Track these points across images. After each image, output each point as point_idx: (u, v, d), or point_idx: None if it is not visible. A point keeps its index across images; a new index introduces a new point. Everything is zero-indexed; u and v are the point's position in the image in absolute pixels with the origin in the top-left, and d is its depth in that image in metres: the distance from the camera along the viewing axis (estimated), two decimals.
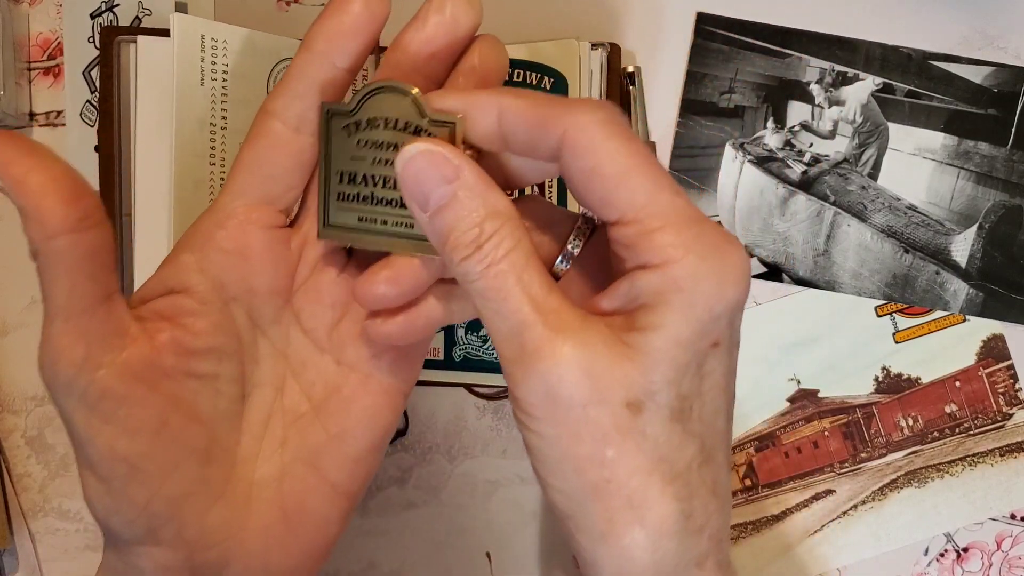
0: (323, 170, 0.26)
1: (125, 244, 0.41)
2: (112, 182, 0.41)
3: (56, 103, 0.47)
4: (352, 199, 0.26)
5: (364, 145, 0.25)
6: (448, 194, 0.24)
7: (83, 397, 0.24)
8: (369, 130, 0.25)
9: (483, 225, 0.24)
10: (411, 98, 0.25)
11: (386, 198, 0.26)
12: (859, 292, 0.44)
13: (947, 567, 0.44)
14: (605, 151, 0.23)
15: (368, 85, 0.25)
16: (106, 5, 0.44)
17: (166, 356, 0.26)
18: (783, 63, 0.45)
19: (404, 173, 0.24)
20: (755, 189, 0.45)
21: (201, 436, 0.27)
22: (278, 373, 0.29)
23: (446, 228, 0.24)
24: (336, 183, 0.26)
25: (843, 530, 0.44)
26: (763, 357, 0.45)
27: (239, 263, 0.27)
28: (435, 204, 0.24)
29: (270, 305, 0.28)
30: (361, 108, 0.25)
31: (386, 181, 0.25)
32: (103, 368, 0.24)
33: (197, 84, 0.39)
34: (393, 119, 0.25)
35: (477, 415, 0.46)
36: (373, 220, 0.26)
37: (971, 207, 0.44)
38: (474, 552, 0.45)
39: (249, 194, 0.27)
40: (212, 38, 0.39)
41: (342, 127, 0.25)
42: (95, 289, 0.24)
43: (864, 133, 0.45)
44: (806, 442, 0.45)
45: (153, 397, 0.25)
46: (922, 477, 0.44)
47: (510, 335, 0.24)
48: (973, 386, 0.44)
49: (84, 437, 0.25)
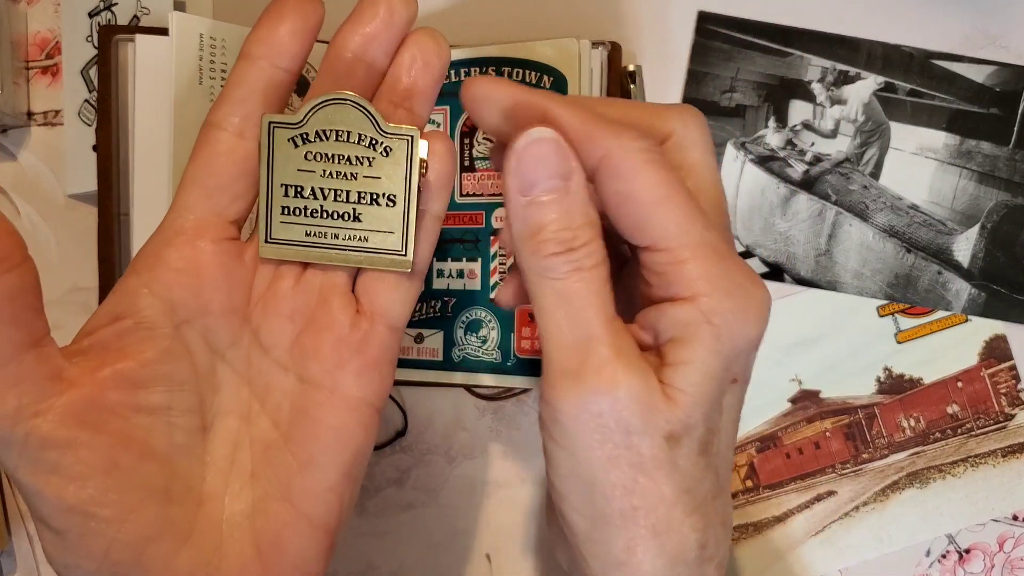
0: (266, 183, 0.25)
1: (123, 244, 0.41)
2: (110, 181, 0.41)
3: (54, 102, 0.47)
4: (298, 212, 0.25)
5: (313, 158, 0.24)
6: (559, 188, 0.24)
7: (23, 450, 0.23)
8: (318, 142, 0.24)
9: (578, 231, 0.24)
10: (365, 111, 0.24)
11: (338, 211, 0.25)
12: (861, 292, 0.44)
13: (949, 568, 0.44)
14: (643, 178, 0.23)
15: (317, 97, 0.24)
16: (104, 4, 0.44)
17: (110, 392, 0.24)
18: (784, 62, 0.45)
19: (527, 152, 0.23)
20: (756, 188, 0.45)
21: (158, 474, 0.25)
22: (242, 400, 0.27)
23: (544, 219, 0.24)
24: (280, 196, 0.25)
25: (845, 531, 0.44)
26: (764, 357, 0.45)
27: (190, 282, 0.26)
28: (541, 192, 0.24)
29: (227, 325, 0.27)
30: (309, 120, 0.24)
31: (337, 194, 0.25)
32: (39, 416, 0.23)
33: (195, 83, 0.38)
34: (345, 131, 0.24)
35: (476, 416, 0.45)
36: (322, 235, 0.25)
37: (973, 207, 0.44)
38: (473, 553, 0.45)
39: (197, 209, 0.26)
40: (211, 37, 0.39)
41: (287, 139, 0.24)
42: (20, 335, 0.23)
43: (866, 132, 0.45)
44: (807, 443, 0.44)
45: (99, 439, 0.24)
46: (924, 478, 0.44)
47: (574, 345, 0.24)
48: (975, 387, 0.44)
49: (31, 490, 0.24)
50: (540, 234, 0.24)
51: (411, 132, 0.24)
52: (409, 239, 0.25)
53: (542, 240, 0.24)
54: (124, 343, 0.25)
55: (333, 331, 0.27)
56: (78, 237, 0.46)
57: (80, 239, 0.46)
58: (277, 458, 0.27)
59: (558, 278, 0.24)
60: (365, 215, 0.25)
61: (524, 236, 0.24)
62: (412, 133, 0.24)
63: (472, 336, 0.42)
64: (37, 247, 0.47)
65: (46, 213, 0.47)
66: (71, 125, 0.44)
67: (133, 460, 0.25)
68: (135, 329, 0.25)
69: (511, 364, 0.41)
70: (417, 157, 0.24)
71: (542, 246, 0.24)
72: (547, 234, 0.24)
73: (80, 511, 0.24)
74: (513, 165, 0.24)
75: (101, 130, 0.40)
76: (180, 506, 0.26)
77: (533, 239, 0.24)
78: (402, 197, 0.24)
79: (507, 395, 0.45)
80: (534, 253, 0.24)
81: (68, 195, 0.45)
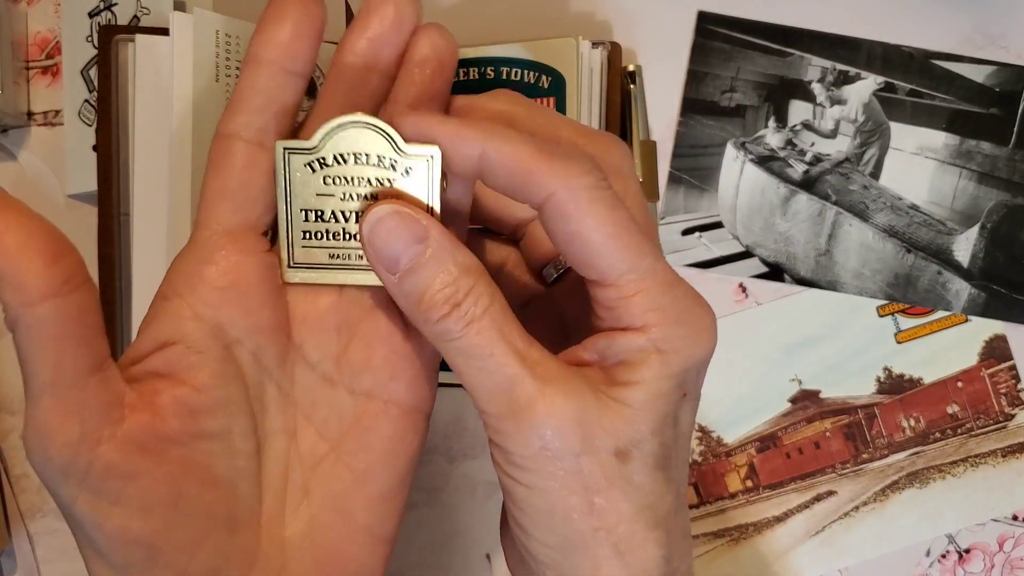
0: (285, 209, 0.25)
1: (123, 244, 0.41)
2: (110, 181, 0.41)
3: (54, 102, 0.47)
4: (320, 236, 0.25)
5: (332, 182, 0.24)
6: (419, 253, 0.23)
7: (84, 479, 0.22)
8: (336, 166, 0.24)
9: (457, 283, 0.23)
10: (383, 133, 0.24)
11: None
12: (861, 292, 0.44)
13: (949, 568, 0.44)
14: (590, 218, 0.23)
15: (332, 121, 0.24)
16: (104, 4, 0.44)
17: (170, 420, 0.24)
18: (785, 62, 0.45)
19: (371, 236, 0.23)
20: (756, 188, 0.45)
21: (222, 501, 0.25)
22: (288, 417, 0.27)
23: (420, 288, 0.23)
24: (301, 221, 0.25)
25: (845, 531, 0.44)
26: (764, 357, 0.45)
27: (237, 300, 0.25)
28: (406, 265, 0.23)
29: (275, 342, 0.26)
30: (326, 144, 0.24)
31: (359, 216, 0.25)
32: (102, 444, 0.22)
33: (212, 80, 0.38)
34: (364, 154, 0.24)
35: (476, 416, 0.45)
36: (347, 256, 0.25)
37: (973, 207, 0.44)
38: (474, 553, 0.45)
39: (229, 222, 0.25)
40: (226, 34, 0.39)
41: (304, 164, 0.24)
42: (85, 358, 0.22)
43: (866, 132, 0.45)
44: (808, 443, 0.44)
45: (162, 468, 0.23)
46: (924, 478, 0.44)
47: (497, 391, 0.23)
48: (975, 387, 0.44)
49: (91, 524, 0.23)
50: (423, 302, 0.23)
51: (431, 151, 0.24)
52: None
53: (428, 307, 0.23)
54: (176, 368, 0.24)
55: (386, 343, 0.27)
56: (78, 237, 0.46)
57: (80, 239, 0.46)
58: (331, 472, 0.27)
59: (455, 338, 0.23)
60: None
61: (411, 310, 0.24)
62: (432, 152, 0.24)
63: None
64: None
65: (46, 213, 0.46)
66: (71, 125, 0.44)
67: (197, 488, 0.24)
68: (186, 354, 0.25)
69: None
70: (438, 175, 0.24)
71: (429, 313, 0.23)
72: (429, 299, 0.23)
73: (146, 544, 0.23)
74: (370, 253, 0.24)
75: (101, 130, 0.40)
76: (244, 532, 0.25)
77: (419, 310, 0.23)
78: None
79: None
80: (426, 323, 0.24)
81: (68, 195, 0.45)
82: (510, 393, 0.23)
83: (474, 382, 0.24)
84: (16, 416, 0.46)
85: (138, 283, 0.40)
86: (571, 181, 0.23)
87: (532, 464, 0.23)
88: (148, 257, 0.40)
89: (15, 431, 0.46)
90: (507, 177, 0.23)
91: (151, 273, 0.39)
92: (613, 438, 0.23)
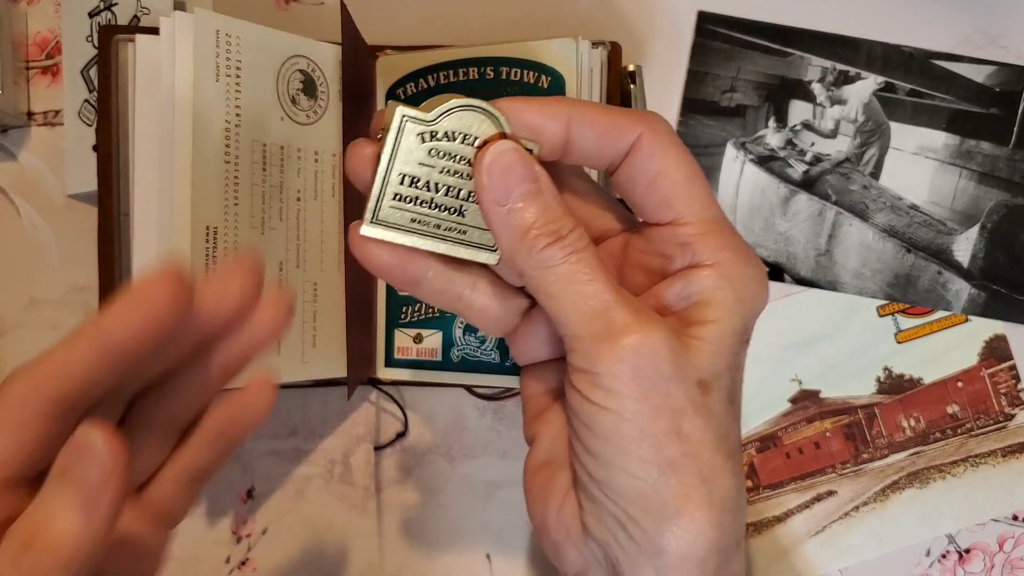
0: (386, 169, 0.26)
1: (123, 244, 0.41)
2: (110, 181, 0.41)
3: (54, 102, 0.47)
4: (409, 201, 0.26)
5: (436, 155, 0.26)
6: (532, 191, 0.25)
7: None
8: (445, 141, 0.26)
9: (562, 221, 0.25)
10: (496, 120, 0.26)
11: (446, 205, 0.27)
12: (861, 292, 0.44)
13: (949, 568, 0.44)
14: (671, 158, 0.26)
15: (453, 101, 0.26)
16: (104, 4, 0.44)
17: None
18: (785, 62, 0.45)
19: (492, 165, 0.25)
20: (756, 188, 0.45)
21: None
22: None
23: (528, 220, 0.25)
24: (396, 183, 0.26)
25: (845, 531, 0.44)
26: (765, 357, 0.45)
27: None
28: (518, 198, 0.25)
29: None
30: (442, 120, 0.26)
31: (450, 190, 0.26)
32: None
33: (213, 80, 0.38)
34: (473, 136, 0.26)
35: (477, 416, 0.45)
36: (427, 223, 0.27)
37: (973, 207, 0.44)
38: (474, 553, 0.45)
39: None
40: (226, 34, 0.39)
41: (417, 133, 0.26)
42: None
43: (866, 132, 0.45)
44: (808, 443, 0.44)
45: None
46: (924, 478, 0.44)
47: (593, 315, 0.25)
48: (975, 387, 0.44)
49: None
50: (528, 233, 0.25)
51: (533, 146, 0.26)
52: None
53: (533, 238, 0.25)
54: None
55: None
56: (78, 237, 0.46)
57: (80, 239, 0.46)
58: None
59: (558, 264, 0.25)
60: (469, 212, 0.27)
61: (515, 241, 0.26)
62: (533, 147, 0.26)
63: (470, 336, 0.42)
64: (37, 247, 0.47)
65: (46, 213, 0.47)
66: (71, 125, 0.44)
67: None
68: None
69: (509, 364, 0.41)
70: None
71: (535, 242, 0.25)
72: (535, 231, 0.25)
73: None
74: (485, 181, 0.25)
75: (101, 130, 0.40)
76: None
77: (524, 240, 0.25)
78: None
79: (507, 395, 0.45)
80: (529, 251, 0.25)
81: (68, 195, 0.45)
82: (606, 316, 0.25)
83: (570, 307, 0.25)
84: None
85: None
86: (654, 125, 0.26)
87: (623, 387, 0.24)
88: (148, 257, 0.40)
89: None
90: (595, 132, 0.26)
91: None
92: (697, 370, 0.25)
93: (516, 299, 0.29)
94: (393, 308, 0.43)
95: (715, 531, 0.25)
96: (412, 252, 0.27)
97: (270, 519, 0.46)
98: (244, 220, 0.40)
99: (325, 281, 0.43)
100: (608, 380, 0.25)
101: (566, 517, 0.27)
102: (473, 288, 0.28)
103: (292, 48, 0.41)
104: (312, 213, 0.42)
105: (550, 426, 0.29)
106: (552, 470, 0.28)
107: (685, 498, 0.24)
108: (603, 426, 0.25)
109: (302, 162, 0.42)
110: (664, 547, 0.25)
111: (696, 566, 0.25)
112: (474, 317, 0.29)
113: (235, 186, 0.39)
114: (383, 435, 0.46)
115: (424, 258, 0.27)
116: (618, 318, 0.25)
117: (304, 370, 0.42)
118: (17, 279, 0.47)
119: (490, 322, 0.29)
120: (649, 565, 0.25)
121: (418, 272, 0.27)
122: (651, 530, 0.25)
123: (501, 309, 0.29)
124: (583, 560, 0.27)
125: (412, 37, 0.45)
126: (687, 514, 0.24)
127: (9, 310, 0.47)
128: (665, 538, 0.25)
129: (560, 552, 0.28)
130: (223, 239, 0.39)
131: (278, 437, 0.46)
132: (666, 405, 0.24)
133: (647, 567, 0.25)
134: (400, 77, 0.42)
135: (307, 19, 0.47)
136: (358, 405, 0.46)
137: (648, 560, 0.25)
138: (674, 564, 0.25)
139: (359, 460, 0.46)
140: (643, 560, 0.25)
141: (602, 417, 0.25)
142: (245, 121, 0.39)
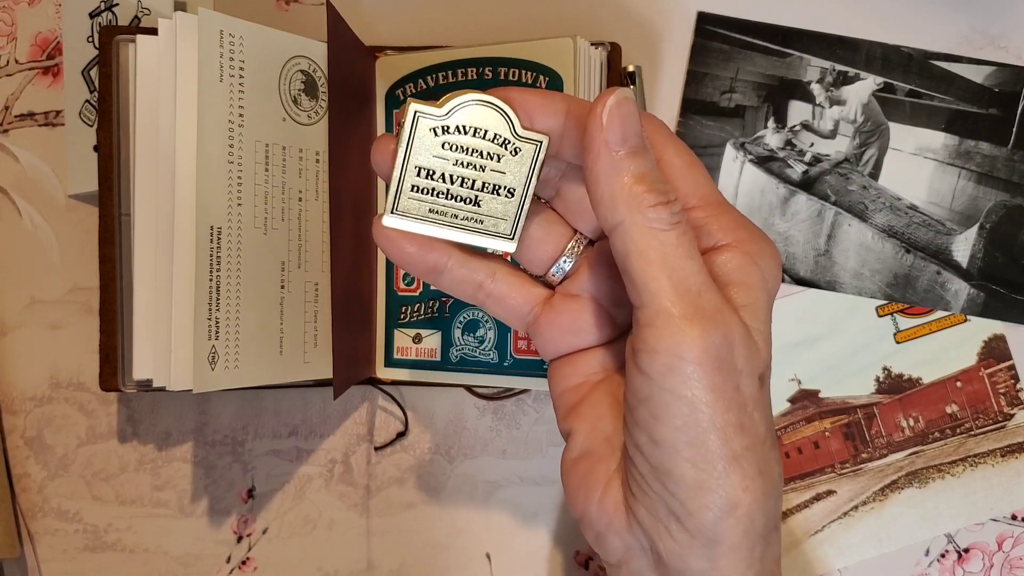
0: (402, 163, 0.27)
1: (124, 244, 0.41)
2: (111, 182, 0.41)
3: (55, 103, 0.47)
4: (426, 192, 0.27)
5: (449, 148, 0.27)
6: (644, 146, 0.25)
7: None
8: (457, 135, 0.27)
9: (667, 185, 0.25)
10: (505, 115, 0.27)
11: (461, 195, 0.28)
12: (860, 292, 0.44)
13: (948, 568, 0.44)
14: (673, 146, 0.27)
15: (464, 95, 0.27)
16: (105, 4, 0.44)
17: None
18: (784, 62, 0.45)
19: (618, 107, 0.24)
20: (756, 189, 0.45)
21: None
22: None
23: (642, 169, 0.25)
24: (413, 176, 0.27)
25: (844, 531, 0.44)
26: None
27: None
28: (632, 147, 0.25)
29: None
30: (453, 115, 0.27)
31: (464, 181, 0.27)
32: None
33: (216, 81, 0.38)
34: (483, 130, 0.27)
35: (476, 416, 0.45)
36: (444, 213, 0.28)
37: (972, 207, 0.44)
38: (474, 552, 0.45)
39: None
40: (230, 34, 0.39)
41: (429, 128, 0.27)
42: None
43: (865, 133, 0.45)
44: (807, 442, 0.44)
45: None
46: (923, 478, 0.44)
47: (687, 292, 0.24)
48: (974, 386, 0.44)
49: None
50: (641, 183, 0.24)
51: (542, 139, 0.27)
52: (518, 227, 0.28)
53: (645, 191, 0.24)
54: None
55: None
56: (79, 237, 0.47)
57: (81, 239, 0.47)
58: None
59: (664, 228, 0.24)
60: (484, 202, 0.28)
61: (621, 190, 0.24)
62: (542, 140, 0.27)
63: (469, 336, 0.42)
64: (38, 247, 0.47)
65: (47, 213, 0.47)
66: (72, 125, 0.44)
67: None
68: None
69: (508, 364, 0.41)
70: (542, 159, 0.27)
71: (646, 196, 0.24)
72: (649, 184, 0.24)
73: None
74: (606, 121, 0.24)
75: (102, 130, 0.40)
76: None
77: (634, 188, 0.24)
78: (520, 191, 0.28)
79: (507, 395, 0.45)
80: (638, 203, 0.24)
81: (69, 195, 0.45)
82: (699, 298, 0.24)
83: (664, 278, 0.24)
84: (16, 416, 0.46)
85: (138, 283, 0.40)
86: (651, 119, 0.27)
87: (705, 376, 0.24)
88: (148, 257, 0.40)
89: (15, 430, 0.46)
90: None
91: (151, 273, 0.40)
92: (761, 364, 0.25)
93: (535, 288, 0.30)
94: (392, 308, 0.43)
95: (764, 518, 0.25)
96: (432, 241, 0.28)
97: (271, 518, 0.46)
98: (248, 220, 0.40)
99: (326, 281, 0.43)
100: (691, 366, 0.24)
101: (608, 507, 0.27)
102: (492, 277, 0.29)
103: (294, 49, 0.41)
104: (313, 214, 0.42)
105: (586, 420, 0.29)
106: (591, 462, 0.28)
107: (745, 491, 0.24)
108: (675, 414, 0.24)
109: (303, 163, 0.42)
110: (719, 538, 0.25)
111: (747, 552, 0.25)
112: (495, 306, 0.29)
113: (239, 186, 0.39)
114: (383, 435, 0.46)
115: (444, 248, 0.28)
116: (709, 303, 0.24)
117: (305, 370, 0.42)
118: (18, 279, 0.47)
119: (511, 311, 0.30)
120: (702, 556, 0.25)
121: (439, 261, 0.28)
122: (708, 522, 0.25)
123: (520, 297, 0.29)
124: (625, 548, 0.27)
125: (412, 38, 0.45)
126: (744, 506, 0.24)
127: (9, 310, 0.47)
128: (720, 528, 0.25)
129: (603, 541, 0.28)
130: (227, 239, 0.39)
131: (278, 437, 0.46)
132: (736, 399, 0.24)
133: (700, 558, 0.25)
134: (399, 78, 0.42)
135: (308, 19, 0.47)
136: (358, 405, 0.46)
137: (702, 551, 0.25)
138: (725, 553, 0.25)
139: (359, 460, 0.46)
140: (696, 551, 0.25)
141: (676, 405, 0.24)
142: (248, 121, 0.40)
